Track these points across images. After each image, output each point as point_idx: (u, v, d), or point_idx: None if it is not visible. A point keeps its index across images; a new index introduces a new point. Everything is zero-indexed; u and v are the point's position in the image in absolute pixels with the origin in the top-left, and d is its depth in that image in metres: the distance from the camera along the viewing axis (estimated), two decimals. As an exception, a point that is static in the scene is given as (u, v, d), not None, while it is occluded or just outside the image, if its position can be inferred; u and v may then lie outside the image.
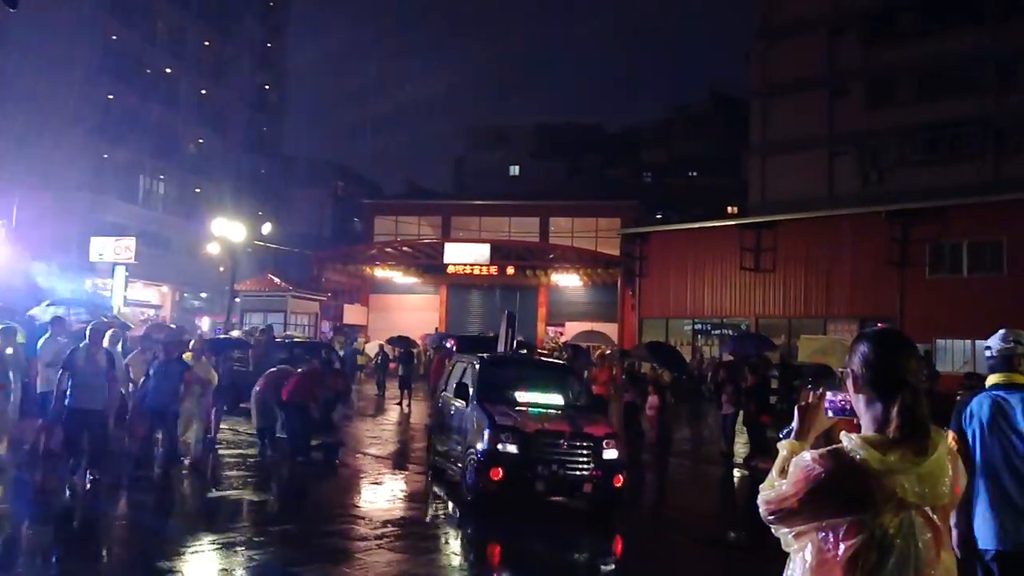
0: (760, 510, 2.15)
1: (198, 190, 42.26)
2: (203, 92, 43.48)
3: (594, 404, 10.34)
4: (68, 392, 8.43)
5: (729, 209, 41.65)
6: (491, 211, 43.91)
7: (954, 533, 3.79)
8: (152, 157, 39.33)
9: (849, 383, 2.17)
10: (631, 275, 31.36)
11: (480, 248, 37.17)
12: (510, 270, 37.37)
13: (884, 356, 2.11)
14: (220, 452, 11.46)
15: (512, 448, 8.39)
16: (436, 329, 37.63)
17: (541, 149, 54.97)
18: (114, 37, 37.21)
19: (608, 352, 24.13)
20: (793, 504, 2.04)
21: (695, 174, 50.91)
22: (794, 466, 2.07)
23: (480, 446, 8.49)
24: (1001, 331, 4.09)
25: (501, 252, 37.22)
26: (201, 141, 43.71)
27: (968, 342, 21.68)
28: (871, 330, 2.23)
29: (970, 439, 3.86)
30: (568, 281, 38.31)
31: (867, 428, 2.12)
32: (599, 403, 11.00)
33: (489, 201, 44.54)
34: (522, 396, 9.51)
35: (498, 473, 8.30)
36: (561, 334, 37.29)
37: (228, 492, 9.09)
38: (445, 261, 37.26)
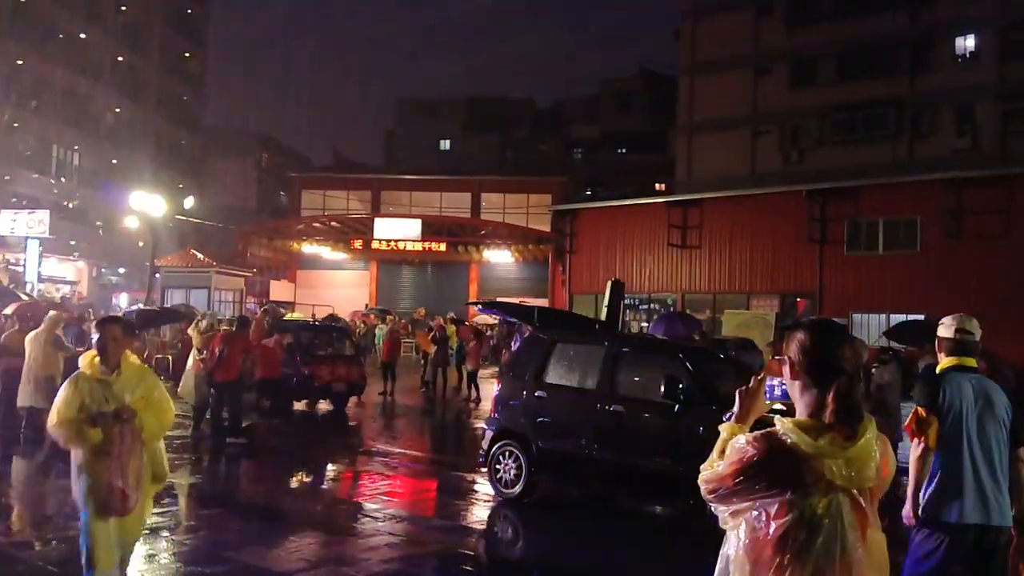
0: (700, 489, 2.26)
1: (115, 161, 40.58)
2: (120, 59, 41.62)
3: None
4: None
5: (657, 186, 42.26)
6: (422, 186, 43.55)
7: (907, 504, 4.08)
8: (66, 126, 37.52)
9: (786, 370, 2.27)
10: (561, 251, 31.57)
11: (411, 223, 36.86)
12: (441, 246, 37.20)
13: (821, 345, 2.21)
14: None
15: None
16: (366, 305, 37.27)
17: (472, 123, 54.64)
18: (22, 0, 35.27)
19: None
20: (729, 484, 2.16)
21: (624, 151, 51.39)
22: (730, 448, 2.19)
23: None
24: (952, 318, 4.25)
25: (432, 228, 36.98)
26: (118, 110, 41.88)
27: (883, 316, 22.61)
28: (809, 319, 2.35)
29: (952, 417, 3.99)
30: (500, 257, 38.36)
31: (801, 413, 2.22)
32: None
33: (420, 175, 44.15)
34: None
35: None
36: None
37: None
38: (375, 236, 36.82)
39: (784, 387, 2.33)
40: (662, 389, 7.15)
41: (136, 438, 4.32)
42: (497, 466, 8.24)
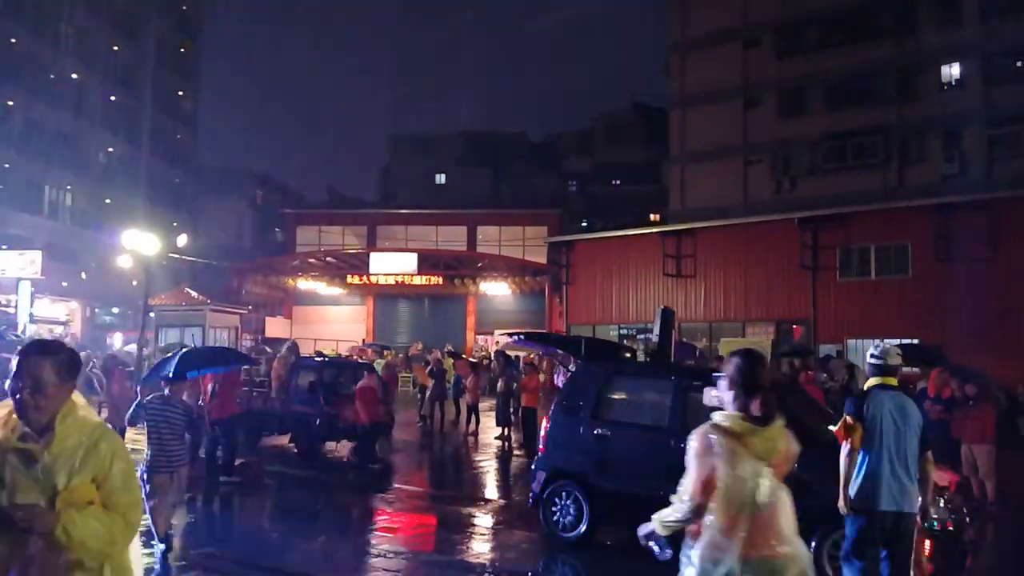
0: (673, 524, 3.26)
1: (108, 201, 40.66)
2: (112, 99, 41.87)
3: None
4: None
5: (652, 216, 42.46)
6: (418, 220, 43.70)
7: (841, 494, 5.07)
8: (58, 166, 37.61)
9: (724, 382, 3.27)
10: (558, 283, 31.65)
11: (407, 258, 36.88)
12: (438, 279, 37.21)
13: (751, 367, 3.24)
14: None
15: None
16: (363, 340, 37.12)
17: (466, 157, 54.96)
18: (13, 40, 35.53)
19: (535, 359, 24.24)
20: (696, 480, 3.16)
21: (618, 182, 51.72)
22: (689, 448, 3.23)
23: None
24: (878, 348, 5.32)
25: (429, 261, 37.02)
26: (111, 150, 42.05)
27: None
28: (741, 349, 3.37)
29: (874, 425, 4.96)
30: (497, 290, 38.35)
31: (730, 411, 3.23)
32: None
33: (415, 210, 44.32)
34: None
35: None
36: (497, 342, 37.17)
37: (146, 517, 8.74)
38: (371, 271, 36.82)
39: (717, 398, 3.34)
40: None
41: (59, 555, 2.48)
42: (553, 507, 7.72)
